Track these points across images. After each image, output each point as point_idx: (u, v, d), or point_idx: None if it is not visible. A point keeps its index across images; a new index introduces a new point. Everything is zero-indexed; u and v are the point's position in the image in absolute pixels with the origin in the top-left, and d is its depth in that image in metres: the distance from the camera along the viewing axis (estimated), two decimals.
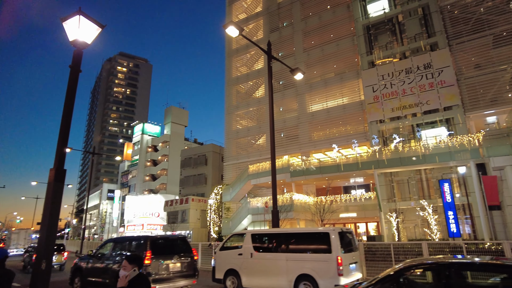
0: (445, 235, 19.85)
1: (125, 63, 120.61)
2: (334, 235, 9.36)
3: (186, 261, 10.33)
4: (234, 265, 11.06)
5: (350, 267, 9.42)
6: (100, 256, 11.27)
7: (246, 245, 11.04)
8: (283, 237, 10.58)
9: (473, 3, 24.56)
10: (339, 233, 9.56)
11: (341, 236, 9.53)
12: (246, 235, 11.33)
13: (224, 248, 11.86)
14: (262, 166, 28.50)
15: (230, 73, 38.39)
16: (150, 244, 9.76)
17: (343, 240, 9.61)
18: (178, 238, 11.29)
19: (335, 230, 9.54)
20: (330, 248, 9.22)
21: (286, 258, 9.93)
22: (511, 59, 22.34)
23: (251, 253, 10.78)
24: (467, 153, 20.13)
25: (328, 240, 9.34)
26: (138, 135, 67.39)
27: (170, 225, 39.28)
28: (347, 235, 10.10)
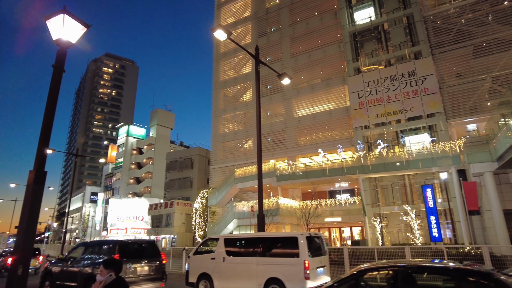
0: (427, 240, 20.24)
1: (111, 64, 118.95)
2: (302, 239, 9.55)
3: (154, 265, 10.60)
4: (207, 269, 11.22)
5: (318, 271, 9.62)
6: (70, 260, 11.36)
7: (219, 250, 11.24)
8: (254, 242, 10.82)
9: (455, 14, 25.34)
10: (307, 237, 9.75)
11: (309, 241, 9.75)
12: (219, 240, 11.53)
13: (198, 252, 12.04)
14: (248, 170, 28.48)
15: (218, 76, 38.35)
16: (119, 248, 10.07)
17: (312, 244, 9.84)
18: (147, 243, 11.57)
19: (303, 234, 9.73)
20: (298, 252, 9.42)
21: (257, 262, 10.14)
22: (490, 69, 23.11)
23: (223, 257, 10.96)
24: (448, 159, 20.63)
25: (297, 244, 9.53)
26: (123, 137, 66.38)
27: (154, 229, 38.72)
28: (316, 239, 10.29)
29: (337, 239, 29.00)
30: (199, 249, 12.11)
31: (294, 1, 34.42)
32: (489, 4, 24.36)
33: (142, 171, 62.19)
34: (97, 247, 11.05)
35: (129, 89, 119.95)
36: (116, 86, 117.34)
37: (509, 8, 23.61)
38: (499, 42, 23.31)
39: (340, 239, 28.88)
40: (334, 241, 28.76)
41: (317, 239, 10.41)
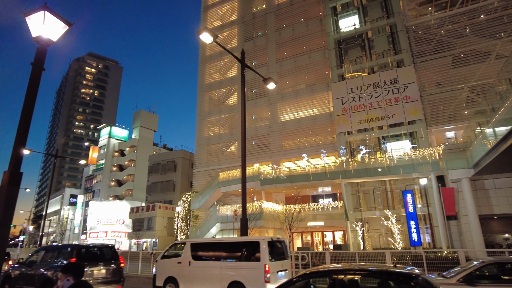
0: (407, 244, 20.64)
1: (94, 63, 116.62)
2: (264, 244, 9.81)
3: (111, 268, 11.08)
4: (174, 272, 11.45)
5: (279, 274, 9.87)
6: (29, 263, 11.59)
7: (185, 254, 11.47)
8: (219, 246, 11.20)
9: (435, 25, 26.17)
10: (269, 242, 10.01)
11: (271, 245, 10.02)
12: (186, 244, 11.77)
13: (165, 256, 12.23)
14: (232, 173, 28.38)
15: (203, 79, 38.19)
16: (76, 252, 10.59)
17: (273, 248, 10.13)
18: (106, 247, 12.05)
19: (265, 239, 10.00)
20: (259, 256, 9.68)
21: (221, 266, 10.42)
22: (467, 79, 23.95)
23: (189, 261, 11.22)
24: (428, 165, 21.17)
25: (258, 248, 9.80)
26: (104, 138, 65.05)
27: (135, 233, 37.98)
28: (277, 244, 10.56)
29: (320, 243, 29.20)
30: (166, 253, 12.32)
31: (280, 7, 34.76)
32: (467, 17, 25.30)
33: (123, 174, 61.04)
34: (56, 251, 11.36)
35: (112, 89, 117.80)
36: (99, 86, 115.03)
37: (485, 21, 24.59)
38: (476, 53, 24.21)
39: (322, 243, 29.09)
40: (316, 245, 28.94)
41: (279, 243, 10.67)
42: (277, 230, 26.35)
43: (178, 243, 12.56)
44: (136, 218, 40.48)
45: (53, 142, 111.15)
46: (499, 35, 23.88)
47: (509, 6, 24.32)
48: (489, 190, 21.16)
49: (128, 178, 60.85)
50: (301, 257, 15.85)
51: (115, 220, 47.60)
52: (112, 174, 61.36)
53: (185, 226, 31.89)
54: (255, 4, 38.00)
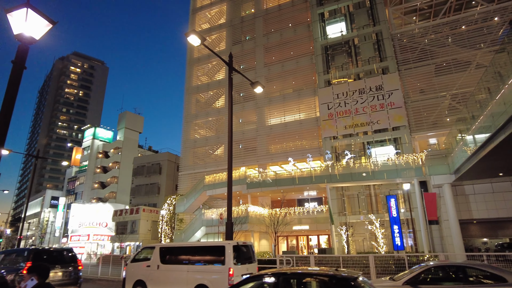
0: (390, 248, 20.94)
1: (79, 63, 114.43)
2: (229, 248, 10.10)
3: (68, 270, 11.54)
4: (142, 276, 11.64)
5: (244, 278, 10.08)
6: None
7: (154, 257, 11.70)
8: (187, 251, 11.57)
9: (419, 34, 26.86)
10: (234, 246, 10.29)
11: (236, 249, 10.31)
12: (155, 248, 12.00)
13: (135, 260, 12.44)
14: (219, 177, 28.25)
15: (191, 81, 38.00)
16: (33, 256, 10.95)
17: (239, 252, 10.42)
18: (65, 250, 12.48)
19: (230, 243, 10.26)
20: (224, 260, 9.97)
21: (187, 269, 10.68)
22: (449, 87, 24.63)
23: (158, 265, 11.44)
24: (411, 171, 21.59)
25: (224, 252, 10.08)
26: (88, 139, 63.78)
27: (118, 236, 37.28)
28: (243, 248, 10.83)
29: (305, 247, 29.31)
30: (136, 257, 12.52)
31: (269, 12, 35.01)
32: (449, 27, 26.09)
33: (107, 176, 59.93)
34: (15, 254, 11.77)
35: (98, 90, 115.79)
36: (84, 86, 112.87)
37: (466, 32, 25.41)
38: (457, 62, 24.95)
39: (307, 247, 29.20)
40: (301, 249, 29.04)
41: (245, 248, 10.95)
42: (262, 234, 26.33)
43: (148, 247, 12.72)
44: (119, 221, 39.76)
45: (34, 142, 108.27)
46: (479, 45, 24.69)
47: (488, 18, 25.22)
48: (469, 196, 21.74)
49: (112, 180, 59.78)
50: (286, 261, 15.87)
51: (98, 223, 46.64)
52: (96, 176, 60.17)
53: (169, 230, 31.49)
54: (243, 8, 38.14)
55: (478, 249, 25.71)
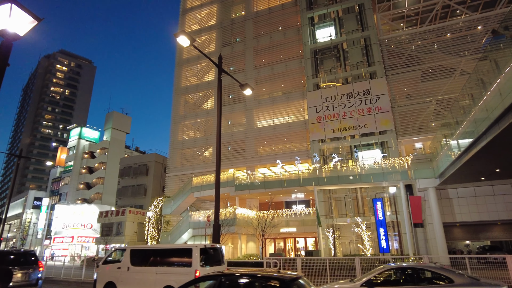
0: (376, 251, 21.18)
1: (66, 61, 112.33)
2: (196, 251, 10.45)
3: (27, 272, 11.80)
4: (113, 277, 11.78)
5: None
6: None
7: (125, 259, 11.86)
8: (156, 253, 11.74)
9: (406, 40, 27.40)
10: (202, 249, 10.62)
11: (203, 252, 10.65)
12: (126, 250, 12.19)
13: (107, 262, 12.63)
14: (206, 178, 28.10)
15: (179, 82, 37.77)
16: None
17: (206, 255, 10.77)
18: (27, 253, 12.88)
19: (198, 246, 10.60)
20: (191, 262, 10.31)
21: (156, 271, 10.89)
22: (435, 93, 25.17)
23: (128, 266, 11.61)
24: (397, 174, 21.92)
25: (191, 255, 10.41)
26: (74, 139, 62.60)
27: (103, 238, 36.66)
28: (211, 251, 11.13)
29: (292, 249, 29.38)
30: (108, 259, 12.74)
31: (259, 14, 35.13)
32: (435, 34, 26.70)
33: (93, 176, 58.92)
34: None
35: (84, 89, 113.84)
36: (70, 85, 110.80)
37: (451, 40, 26.05)
38: (443, 69, 25.54)
39: (294, 249, 29.28)
40: (288, 251, 29.10)
41: (213, 250, 11.23)
42: (250, 236, 26.29)
43: (120, 249, 12.95)
44: (105, 222, 39.10)
45: (17, 141, 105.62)
46: (463, 53, 25.33)
47: (472, 27, 25.92)
48: (453, 199, 22.21)
49: (98, 181, 58.79)
50: (272, 264, 15.88)
51: (83, 225, 45.77)
52: (81, 176, 59.08)
53: (156, 232, 31.14)
54: (234, 10, 38.19)
55: (461, 252, 26.27)
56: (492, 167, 16.57)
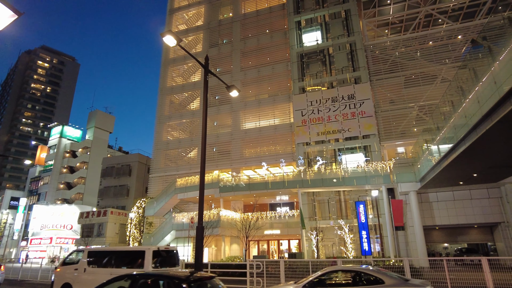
0: (359, 253, 21.47)
1: (48, 58, 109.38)
2: (149, 253, 10.85)
3: None
4: (69, 279, 11.86)
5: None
6: None
7: (82, 261, 12.04)
8: (112, 254, 12.02)
9: (390, 47, 28.00)
10: (154, 251, 11.05)
11: (156, 254, 11.10)
12: (84, 252, 12.43)
13: (65, 263, 12.72)
14: (191, 180, 27.87)
15: (165, 82, 37.39)
16: None
17: (160, 257, 11.23)
18: None
19: (150, 248, 10.98)
20: (144, 264, 10.69)
21: (110, 272, 10.92)
22: (417, 99, 25.81)
23: (84, 268, 11.79)
24: (380, 178, 22.31)
25: (144, 257, 10.78)
26: (55, 138, 61.01)
27: (83, 239, 35.80)
28: (163, 253, 11.61)
29: (275, 251, 29.45)
30: (66, 260, 12.84)
31: (247, 17, 35.22)
32: (418, 42, 27.43)
33: (74, 176, 57.53)
34: None
35: (67, 87, 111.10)
36: (52, 82, 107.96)
37: (433, 48, 26.82)
38: (425, 76, 26.24)
39: (278, 251, 29.36)
40: (272, 253, 29.15)
41: (166, 253, 11.70)
42: (234, 238, 26.21)
43: (78, 250, 13.05)
44: (85, 223, 38.22)
45: None
46: (444, 61, 26.12)
47: (452, 36, 26.77)
48: (433, 203, 22.77)
49: (79, 181, 57.45)
50: (256, 266, 15.86)
51: (62, 225, 44.60)
52: (62, 176, 57.58)
53: (138, 233, 30.65)
54: (221, 12, 38.15)
55: (439, 254, 26.93)
56: (470, 172, 17.09)
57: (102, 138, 60.99)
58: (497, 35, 12.54)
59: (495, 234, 23.23)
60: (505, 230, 21.42)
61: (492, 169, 16.25)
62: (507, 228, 21.10)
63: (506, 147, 12.95)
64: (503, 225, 21.52)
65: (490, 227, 23.90)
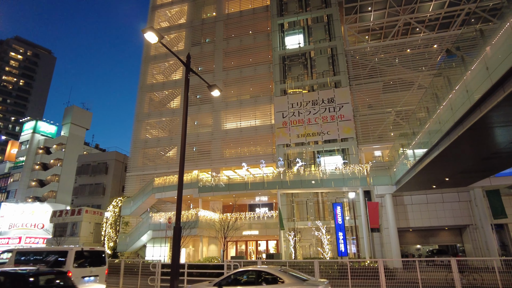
0: (335, 254, 21.83)
1: (21, 49, 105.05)
2: (71, 253, 11.54)
3: None
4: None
5: (85, 279, 11.67)
6: None
7: (10, 261, 12.49)
8: (38, 253, 12.60)
9: (370, 52, 28.70)
10: (77, 251, 11.74)
11: (79, 254, 11.76)
12: (13, 252, 12.96)
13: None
14: (169, 179, 27.50)
15: (145, 79, 36.73)
16: None
17: (82, 257, 11.88)
18: None
19: (73, 249, 11.72)
20: (66, 263, 11.37)
21: None
22: (395, 104, 26.58)
23: None
24: (357, 180, 22.79)
25: (66, 256, 11.48)
26: (28, 133, 58.64)
27: (55, 239, 34.55)
28: (86, 253, 12.26)
29: (253, 252, 29.49)
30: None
31: (230, 17, 35.15)
32: (397, 49, 28.26)
33: (47, 173, 55.49)
34: None
35: (42, 80, 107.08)
36: (26, 75, 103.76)
37: (411, 55, 27.71)
38: (403, 82, 27.07)
39: (256, 252, 29.42)
40: (250, 254, 29.18)
41: (89, 253, 12.40)
42: (212, 239, 26.07)
43: (7, 250, 13.47)
44: (58, 222, 36.91)
45: None
46: (421, 68, 27.04)
47: (429, 45, 27.77)
48: (407, 206, 23.48)
49: (53, 178, 55.47)
50: (233, 266, 15.83)
51: (33, 225, 42.88)
52: (34, 173, 55.41)
53: (114, 233, 29.92)
54: (205, 11, 37.92)
55: (412, 255, 27.78)
56: (442, 176, 17.75)
57: (78, 134, 59.19)
58: (470, 46, 13.12)
59: (464, 236, 24.22)
60: (473, 232, 22.36)
61: (463, 174, 16.96)
62: (475, 230, 22.04)
63: (476, 153, 13.55)
64: (471, 227, 22.46)
65: (460, 229, 24.90)
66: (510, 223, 22.47)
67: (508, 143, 11.80)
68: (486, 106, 9.25)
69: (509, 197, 22.60)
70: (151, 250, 25.80)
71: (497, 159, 14.13)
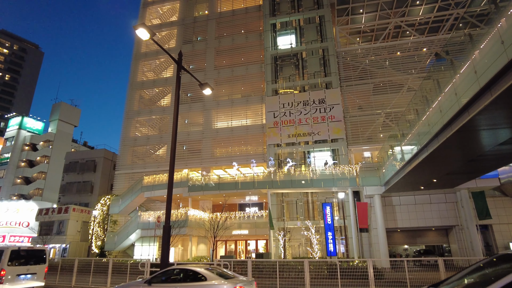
0: (324, 254, 21.99)
1: (7, 43, 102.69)
2: (7, 252, 11.88)
3: None
4: None
5: (20, 277, 12.17)
6: None
7: None
8: None
9: (361, 54, 28.97)
10: (12, 250, 12.19)
11: (15, 253, 12.22)
12: None
13: None
14: (158, 178, 27.27)
15: (135, 76, 36.34)
16: None
17: (17, 255, 12.35)
18: None
19: (9, 248, 12.15)
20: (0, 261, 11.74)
21: None
22: (384, 106, 26.88)
23: None
24: (346, 181, 22.99)
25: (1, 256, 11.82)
26: (13, 129, 57.42)
27: (41, 237, 33.93)
28: (22, 252, 12.68)
29: (243, 251, 29.48)
30: None
31: (222, 16, 35.05)
32: (387, 52, 28.59)
33: (34, 170, 54.42)
34: None
35: (29, 76, 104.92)
36: (12, 70, 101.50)
37: (401, 58, 28.08)
38: (393, 84, 27.40)
39: (245, 252, 29.40)
40: (239, 253, 29.15)
41: (27, 252, 12.79)
42: (201, 238, 25.95)
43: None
44: (44, 220, 36.22)
45: None
46: (411, 71, 27.42)
47: (419, 48, 28.19)
48: (395, 206, 23.78)
49: (39, 175, 54.41)
50: (223, 265, 15.80)
51: (18, 223, 42.02)
52: (19, 170, 54.28)
53: (101, 232, 29.54)
54: (197, 9, 37.71)
55: (400, 255, 28.17)
56: (430, 178, 18.05)
57: (66, 131, 58.21)
58: (458, 50, 13.35)
59: (450, 236, 24.67)
60: (458, 233, 22.80)
61: (450, 175, 17.27)
62: (461, 230, 22.48)
63: (463, 155, 13.81)
64: (457, 228, 22.90)
65: (446, 230, 25.35)
66: (495, 224, 22.98)
67: (494, 145, 12.07)
68: (474, 109, 9.43)
69: (494, 199, 23.13)
70: (139, 249, 25.56)
71: (483, 161, 14.45)
